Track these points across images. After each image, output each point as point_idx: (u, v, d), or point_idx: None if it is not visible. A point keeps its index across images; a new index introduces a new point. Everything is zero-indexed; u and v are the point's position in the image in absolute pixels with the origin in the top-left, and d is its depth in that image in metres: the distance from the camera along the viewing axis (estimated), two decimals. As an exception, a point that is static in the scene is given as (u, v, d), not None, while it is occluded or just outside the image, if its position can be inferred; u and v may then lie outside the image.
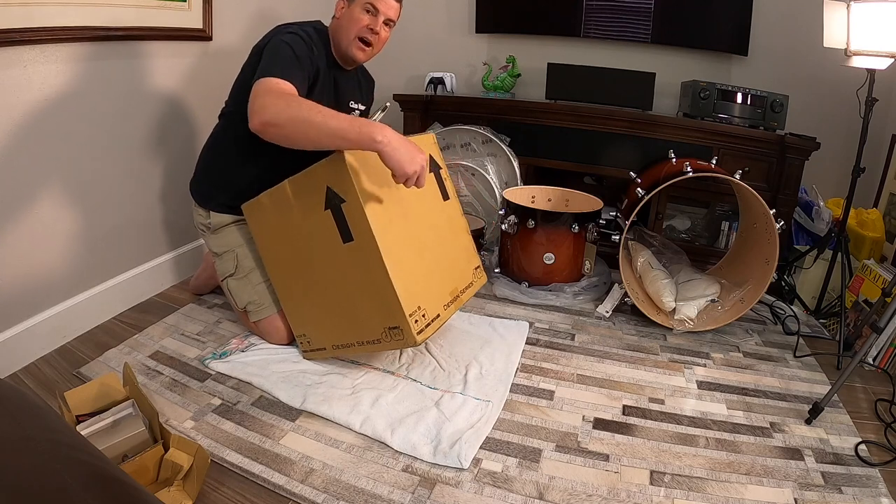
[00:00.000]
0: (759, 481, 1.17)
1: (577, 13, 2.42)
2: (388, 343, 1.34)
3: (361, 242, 1.27)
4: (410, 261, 1.33)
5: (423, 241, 1.41)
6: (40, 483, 0.47)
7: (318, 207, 1.32)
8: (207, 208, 1.58)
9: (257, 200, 1.46)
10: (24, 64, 1.36)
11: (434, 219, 1.49)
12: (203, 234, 1.65)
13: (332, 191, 1.28)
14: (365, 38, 1.44)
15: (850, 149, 1.88)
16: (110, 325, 1.68)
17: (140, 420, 1.11)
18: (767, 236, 1.72)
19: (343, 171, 1.23)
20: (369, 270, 1.28)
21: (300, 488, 1.10)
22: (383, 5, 1.42)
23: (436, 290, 1.42)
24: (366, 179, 1.26)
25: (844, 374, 1.37)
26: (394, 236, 1.30)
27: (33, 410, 0.58)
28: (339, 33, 1.45)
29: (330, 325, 1.45)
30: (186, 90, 1.89)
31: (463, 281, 1.55)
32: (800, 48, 2.23)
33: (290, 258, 1.46)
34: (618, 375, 1.54)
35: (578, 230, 1.95)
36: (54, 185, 1.49)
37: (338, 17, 1.46)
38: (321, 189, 1.30)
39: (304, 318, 1.51)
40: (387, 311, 1.30)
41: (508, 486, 1.13)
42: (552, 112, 2.31)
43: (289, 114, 1.18)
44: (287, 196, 1.39)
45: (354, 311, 1.37)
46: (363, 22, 1.41)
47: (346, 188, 1.25)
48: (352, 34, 1.43)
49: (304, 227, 1.38)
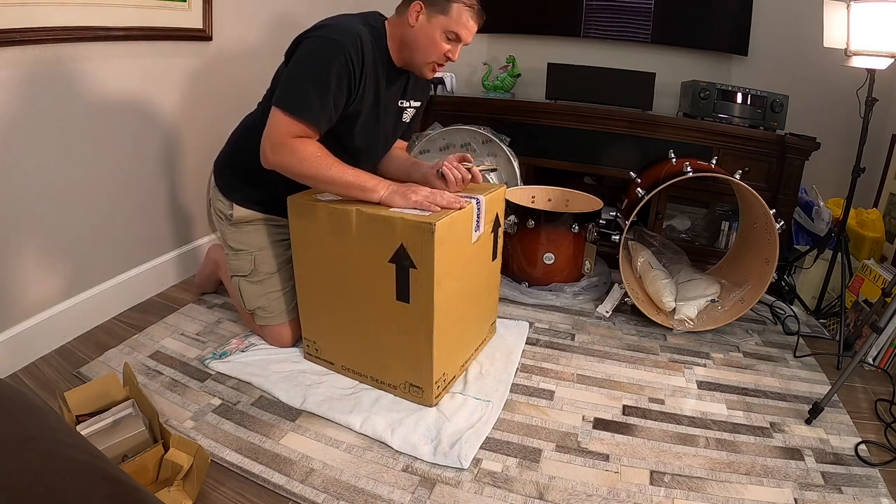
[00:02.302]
0: (759, 481, 1.17)
1: (577, 13, 2.42)
2: (403, 394, 1.37)
3: (417, 309, 1.24)
4: (450, 330, 1.32)
5: (464, 308, 1.40)
6: (40, 483, 0.47)
7: (381, 255, 1.24)
8: (231, 199, 1.48)
9: (313, 206, 1.31)
10: (24, 64, 1.36)
11: (478, 280, 1.47)
12: (220, 222, 1.54)
13: (406, 252, 1.20)
14: (441, 63, 1.36)
15: (850, 149, 1.87)
16: (110, 325, 1.68)
17: (140, 420, 1.11)
18: (767, 236, 1.72)
19: (427, 244, 1.17)
20: (413, 333, 1.27)
21: (300, 488, 1.10)
22: (466, 34, 1.31)
23: (459, 353, 1.44)
24: (445, 251, 1.21)
25: (844, 374, 1.37)
26: (446, 307, 1.27)
27: (33, 410, 0.58)
28: (412, 48, 1.32)
29: (348, 350, 1.43)
30: (186, 90, 1.89)
31: (480, 338, 1.58)
32: (800, 48, 2.23)
33: (326, 275, 1.37)
34: (618, 375, 1.54)
35: (578, 230, 1.95)
36: (54, 185, 1.49)
37: (412, 25, 1.29)
38: (393, 242, 1.21)
39: (321, 331, 1.47)
40: (415, 372, 1.32)
41: (508, 486, 1.13)
42: (552, 112, 2.31)
43: (299, 171, 1.25)
44: (349, 223, 1.27)
45: (381, 354, 1.36)
46: (443, 49, 1.31)
47: (423, 259, 1.19)
48: (429, 58, 1.32)
49: (356, 262, 1.30)
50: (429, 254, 1.18)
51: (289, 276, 1.52)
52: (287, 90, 1.23)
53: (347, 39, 1.21)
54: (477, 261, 1.42)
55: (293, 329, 1.56)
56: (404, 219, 1.19)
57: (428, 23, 1.28)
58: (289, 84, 1.23)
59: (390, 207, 1.25)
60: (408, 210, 1.23)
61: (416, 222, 1.17)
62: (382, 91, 1.37)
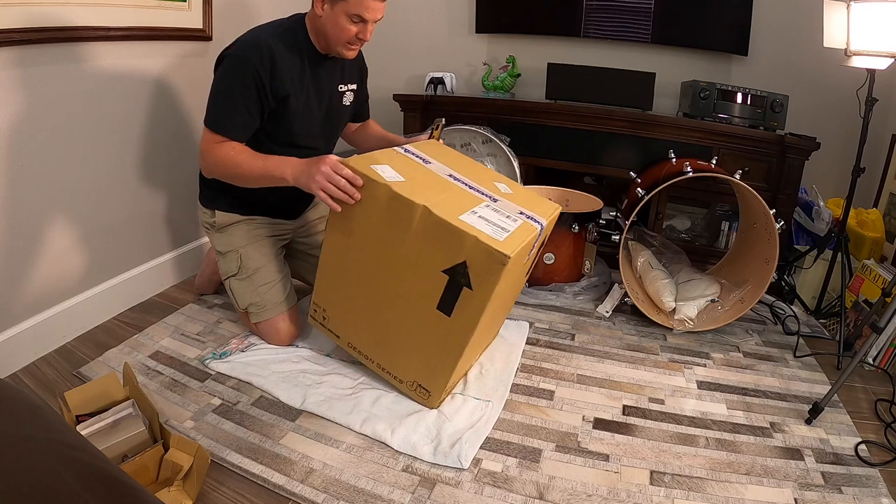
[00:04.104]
0: (759, 481, 1.17)
1: (577, 13, 2.42)
2: (408, 391, 1.36)
3: (455, 325, 1.20)
4: (474, 343, 1.30)
5: (490, 324, 1.40)
6: (40, 483, 0.47)
7: (436, 262, 1.17)
8: (212, 208, 1.56)
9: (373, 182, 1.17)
10: (25, 64, 1.36)
11: (510, 296, 1.46)
12: (208, 231, 1.62)
13: (466, 270, 1.14)
14: (354, 44, 1.42)
15: (850, 149, 1.88)
16: (110, 325, 1.68)
17: (140, 420, 1.11)
18: (767, 236, 1.72)
19: (495, 273, 1.11)
20: (442, 345, 1.24)
21: (300, 488, 1.10)
22: (370, 14, 1.35)
23: (467, 364, 1.44)
24: (505, 279, 1.16)
25: (844, 374, 1.37)
26: (481, 327, 1.24)
27: (33, 410, 0.58)
28: (325, 35, 1.39)
29: (360, 331, 1.38)
30: (186, 90, 1.89)
31: (488, 342, 1.58)
32: (800, 48, 2.22)
33: (360, 253, 1.28)
34: (618, 375, 1.54)
35: (578, 230, 1.95)
36: (54, 185, 1.49)
37: (320, 15, 1.37)
38: (455, 255, 1.14)
39: (334, 301, 1.40)
40: (428, 376, 1.31)
41: (508, 486, 1.13)
42: (552, 112, 2.31)
43: (220, 172, 1.39)
44: (410, 217, 1.16)
45: (397, 349, 1.34)
46: (351, 32, 1.36)
47: (483, 284, 1.13)
48: (340, 42, 1.38)
49: (402, 256, 1.21)
50: (491, 282, 1.12)
51: (277, 269, 1.58)
52: (207, 107, 1.38)
53: (252, 54, 1.33)
54: (517, 279, 1.42)
55: (289, 322, 1.56)
56: (478, 238, 1.10)
57: (332, 10, 1.35)
58: (208, 102, 1.38)
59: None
60: (482, 226, 1.15)
61: (491, 248, 1.09)
62: (312, 81, 1.46)
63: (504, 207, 1.28)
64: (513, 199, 1.36)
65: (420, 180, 1.24)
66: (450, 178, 1.32)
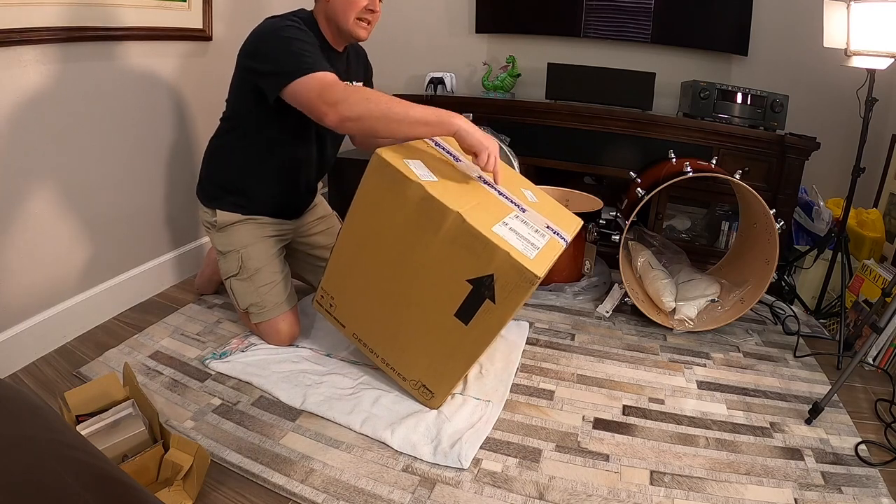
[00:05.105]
0: (759, 481, 1.17)
1: (577, 13, 2.42)
2: (410, 389, 1.36)
3: (471, 334, 1.20)
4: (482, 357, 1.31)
5: None
6: (40, 483, 0.47)
7: (461, 270, 1.14)
8: (213, 207, 1.54)
9: (404, 180, 1.13)
10: (24, 64, 1.36)
11: None
12: (208, 231, 1.61)
13: (492, 283, 1.12)
14: (366, 17, 1.42)
15: (850, 149, 1.87)
16: (110, 325, 1.68)
17: (140, 420, 1.11)
18: (767, 236, 1.72)
19: (521, 290, 1.11)
20: (453, 350, 1.24)
21: (300, 488, 1.10)
22: None
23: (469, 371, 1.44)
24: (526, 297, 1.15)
25: (844, 374, 1.37)
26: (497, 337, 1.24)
27: (33, 410, 0.57)
28: (336, 15, 1.39)
29: (368, 324, 1.36)
30: (186, 90, 1.89)
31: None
32: (800, 48, 2.22)
33: (380, 249, 1.25)
34: (618, 375, 1.54)
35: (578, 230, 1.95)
36: (54, 185, 1.49)
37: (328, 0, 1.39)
38: (484, 267, 1.12)
39: (344, 291, 1.36)
40: (435, 378, 1.31)
41: (508, 486, 1.13)
42: (552, 112, 2.31)
43: (367, 107, 1.18)
44: (441, 222, 1.12)
45: (405, 347, 1.32)
46: (362, 3, 1.37)
47: (507, 300, 1.12)
48: (351, 16, 1.38)
49: (425, 259, 1.18)
50: (517, 299, 1.12)
51: (278, 269, 1.57)
52: (279, 69, 1.24)
53: (295, 21, 1.32)
54: None
55: (290, 323, 1.56)
56: (510, 254, 1.08)
57: None
58: (273, 65, 1.25)
59: (465, 140, 1.22)
60: (513, 241, 1.13)
61: (522, 267, 1.08)
62: None
63: (532, 219, 1.28)
64: (539, 209, 1.36)
65: (452, 181, 1.22)
66: (479, 179, 1.31)
